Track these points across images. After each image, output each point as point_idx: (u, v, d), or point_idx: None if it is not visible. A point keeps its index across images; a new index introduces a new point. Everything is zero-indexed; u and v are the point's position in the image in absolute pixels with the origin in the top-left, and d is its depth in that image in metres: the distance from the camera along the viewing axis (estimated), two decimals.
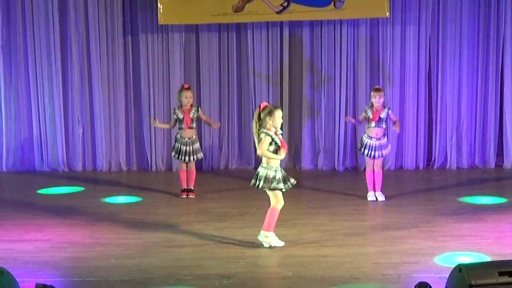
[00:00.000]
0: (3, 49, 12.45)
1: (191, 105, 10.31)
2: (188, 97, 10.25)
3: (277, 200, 8.01)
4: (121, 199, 10.56)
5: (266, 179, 7.94)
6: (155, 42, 12.47)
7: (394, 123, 10.31)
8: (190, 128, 10.29)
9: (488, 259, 7.39)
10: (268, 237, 8.02)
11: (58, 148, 12.62)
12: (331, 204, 10.07)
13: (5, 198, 10.71)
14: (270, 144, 7.92)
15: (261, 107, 7.97)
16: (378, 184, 10.24)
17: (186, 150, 10.30)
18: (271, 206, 8.03)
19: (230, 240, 8.32)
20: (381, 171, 10.31)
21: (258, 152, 8.04)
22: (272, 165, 7.97)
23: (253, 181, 8.06)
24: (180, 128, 10.33)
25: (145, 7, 12.36)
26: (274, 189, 7.96)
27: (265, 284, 7.04)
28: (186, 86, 10.41)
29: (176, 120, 10.35)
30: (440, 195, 10.64)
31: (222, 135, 12.71)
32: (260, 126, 7.93)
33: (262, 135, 7.92)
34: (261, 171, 8.00)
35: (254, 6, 12.00)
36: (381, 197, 10.20)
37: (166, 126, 11.11)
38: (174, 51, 12.48)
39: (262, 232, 8.03)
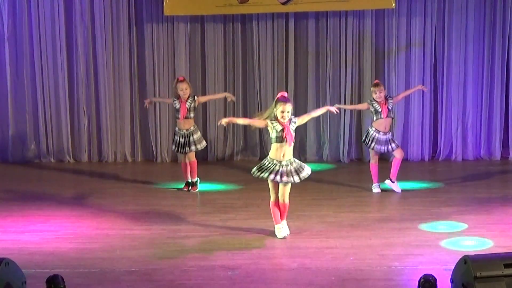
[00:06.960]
0: (9, 40, 12.46)
1: (189, 96, 10.27)
2: (183, 89, 10.18)
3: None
4: (127, 190, 10.58)
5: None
6: (161, 33, 12.46)
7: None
8: (187, 118, 10.24)
9: (493, 251, 7.39)
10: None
11: (63, 139, 12.64)
12: (336, 195, 10.08)
13: (11, 189, 10.72)
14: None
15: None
16: (394, 173, 10.19)
17: (183, 142, 10.27)
18: (287, 201, 8.00)
19: (235, 232, 8.33)
20: (400, 159, 10.23)
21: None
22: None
23: (295, 178, 7.89)
24: (177, 118, 10.33)
25: None
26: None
27: (270, 275, 7.04)
28: (180, 78, 10.33)
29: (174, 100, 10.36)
30: (445, 187, 10.63)
31: (227, 126, 12.67)
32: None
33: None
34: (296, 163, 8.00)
35: None
36: (396, 188, 10.17)
37: (166, 100, 11.50)
38: (179, 42, 12.47)
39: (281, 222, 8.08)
